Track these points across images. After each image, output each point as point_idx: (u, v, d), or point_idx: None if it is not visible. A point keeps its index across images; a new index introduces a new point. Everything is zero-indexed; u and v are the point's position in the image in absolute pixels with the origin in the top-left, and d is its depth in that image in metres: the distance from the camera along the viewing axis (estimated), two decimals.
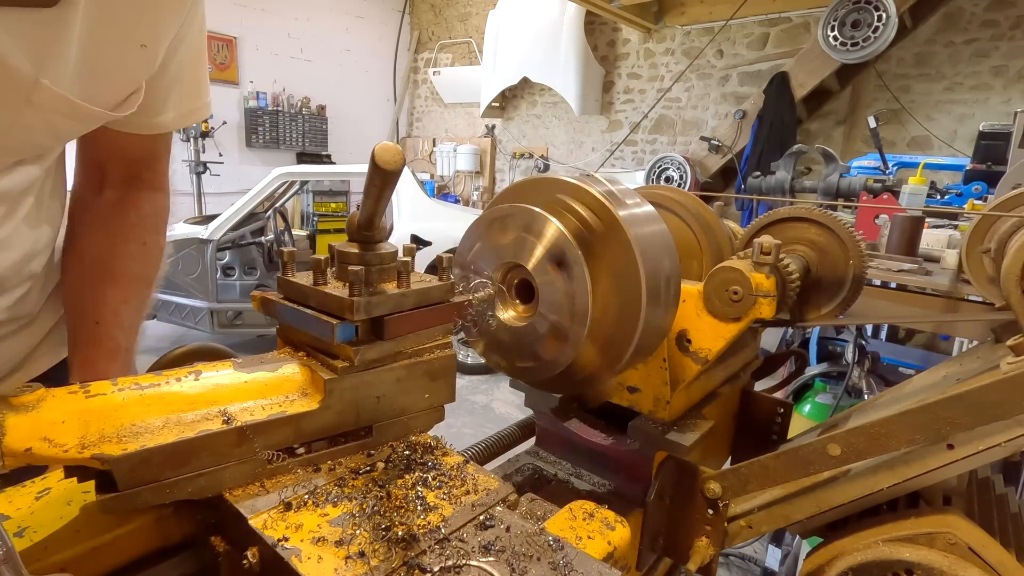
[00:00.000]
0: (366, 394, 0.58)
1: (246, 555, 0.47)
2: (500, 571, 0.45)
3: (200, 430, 0.50)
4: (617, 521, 0.61)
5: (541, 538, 0.49)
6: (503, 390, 4.61)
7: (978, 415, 0.65)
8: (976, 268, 1.16)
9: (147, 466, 0.47)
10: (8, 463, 0.45)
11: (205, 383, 0.54)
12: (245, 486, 0.53)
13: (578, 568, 0.46)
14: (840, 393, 2.69)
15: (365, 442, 0.60)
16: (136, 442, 0.48)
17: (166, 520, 0.55)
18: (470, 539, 0.49)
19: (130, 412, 0.50)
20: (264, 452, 0.53)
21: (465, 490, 0.55)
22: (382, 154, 0.46)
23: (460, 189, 8.50)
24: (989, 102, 4.73)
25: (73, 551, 0.50)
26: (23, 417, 0.46)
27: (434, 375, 0.62)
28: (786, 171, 3.70)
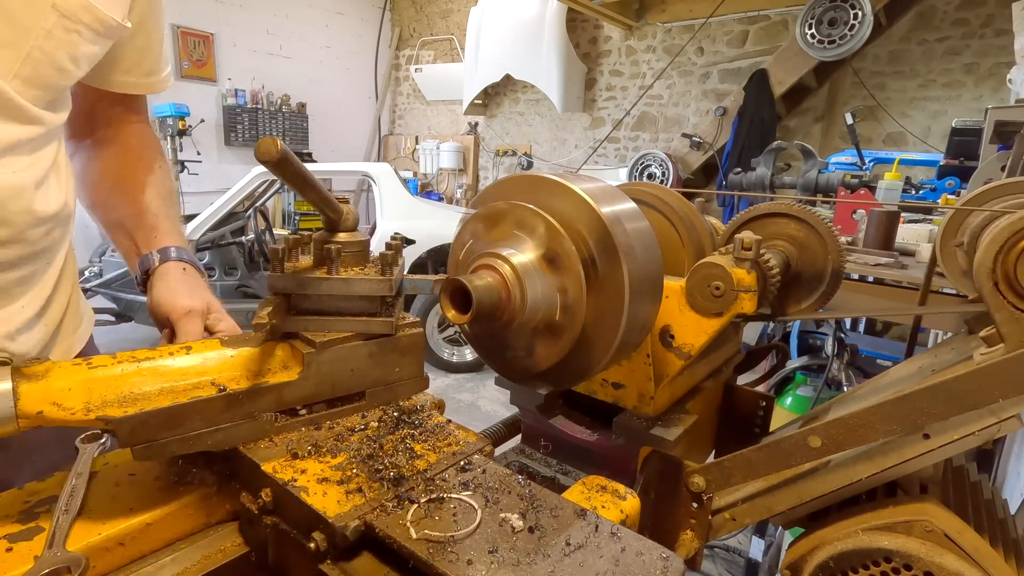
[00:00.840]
0: (341, 367, 0.64)
1: (260, 495, 0.55)
2: (476, 501, 0.52)
3: (192, 396, 0.56)
4: (628, 492, 0.66)
5: (512, 478, 0.56)
6: (489, 388, 4.61)
7: (953, 405, 0.66)
8: (950, 261, 1.19)
9: (145, 427, 0.53)
10: (22, 424, 0.51)
11: (195, 356, 0.61)
12: (256, 441, 0.60)
13: (541, 499, 0.53)
14: (820, 386, 2.73)
15: (359, 405, 0.67)
16: (135, 406, 0.53)
17: (210, 499, 0.61)
18: (451, 479, 0.56)
19: (129, 381, 0.56)
20: (268, 414, 0.60)
21: (447, 443, 0.62)
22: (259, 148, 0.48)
23: (443, 187, 8.46)
24: (961, 99, 4.84)
25: (129, 527, 0.55)
26: (34, 384, 0.52)
27: (403, 351, 0.69)
28: (766, 167, 3.74)
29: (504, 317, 0.65)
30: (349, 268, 0.65)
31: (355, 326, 0.65)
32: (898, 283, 1.97)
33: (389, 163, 6.35)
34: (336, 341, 0.63)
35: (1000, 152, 2.34)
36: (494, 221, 0.71)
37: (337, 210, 0.64)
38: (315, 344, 0.62)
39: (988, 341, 0.71)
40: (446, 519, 0.49)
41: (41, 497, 0.58)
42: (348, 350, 0.64)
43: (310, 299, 0.63)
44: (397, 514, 0.50)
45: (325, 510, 0.49)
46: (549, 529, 0.49)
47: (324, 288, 0.62)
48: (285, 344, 0.64)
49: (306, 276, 0.62)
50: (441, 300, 0.63)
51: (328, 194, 0.62)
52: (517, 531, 0.48)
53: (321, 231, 0.67)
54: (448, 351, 4.90)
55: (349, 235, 0.66)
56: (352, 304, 0.64)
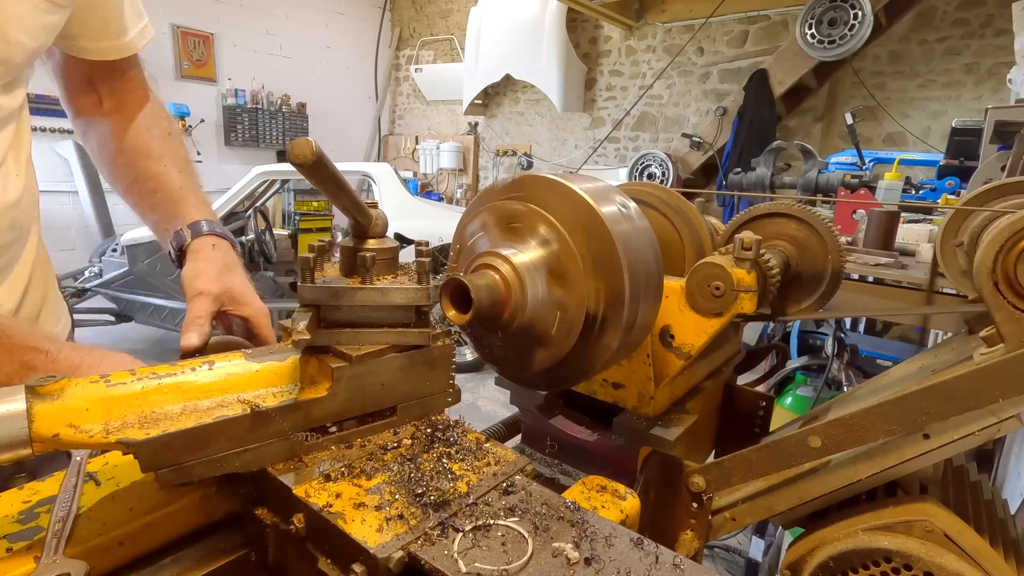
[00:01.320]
0: (371, 381, 0.61)
1: (292, 521, 0.52)
2: (525, 529, 0.49)
3: (216, 416, 0.53)
4: (628, 492, 0.65)
5: (559, 502, 0.53)
6: (489, 388, 4.61)
7: (953, 405, 0.66)
8: (950, 261, 1.19)
9: (168, 450, 0.50)
10: (36, 448, 0.47)
11: (219, 372, 0.58)
12: (285, 461, 0.57)
13: (593, 525, 0.50)
14: (820, 386, 2.73)
15: (390, 421, 0.64)
16: (157, 427, 0.51)
17: (210, 499, 0.59)
18: (495, 502, 0.53)
19: (150, 400, 0.53)
20: (298, 433, 0.57)
21: (486, 462, 0.59)
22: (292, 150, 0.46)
23: (443, 187, 8.46)
24: (961, 99, 4.84)
25: (129, 527, 0.54)
26: (49, 405, 0.49)
27: (433, 364, 0.66)
28: (766, 167, 3.74)
29: (505, 317, 0.65)
30: (382, 277, 0.62)
31: (390, 338, 0.62)
32: (898, 283, 1.97)
33: (389, 163, 6.35)
34: (370, 354, 0.60)
35: (1000, 152, 2.34)
36: (495, 221, 0.71)
37: (367, 215, 0.61)
38: (349, 358, 0.59)
39: (988, 341, 0.71)
40: (495, 549, 0.46)
41: (41, 497, 0.57)
42: (379, 364, 0.61)
43: (342, 310, 0.60)
44: (442, 543, 0.47)
45: (365, 539, 0.46)
46: (607, 561, 0.46)
47: (359, 299, 0.59)
48: (312, 358, 0.61)
49: (339, 286, 0.59)
50: (441, 300, 0.63)
51: (359, 198, 0.59)
52: (573, 563, 0.45)
53: (347, 238, 0.64)
54: None
55: (379, 242, 0.63)
56: (385, 315, 0.61)
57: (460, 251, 0.75)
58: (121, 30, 0.96)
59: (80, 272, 4.95)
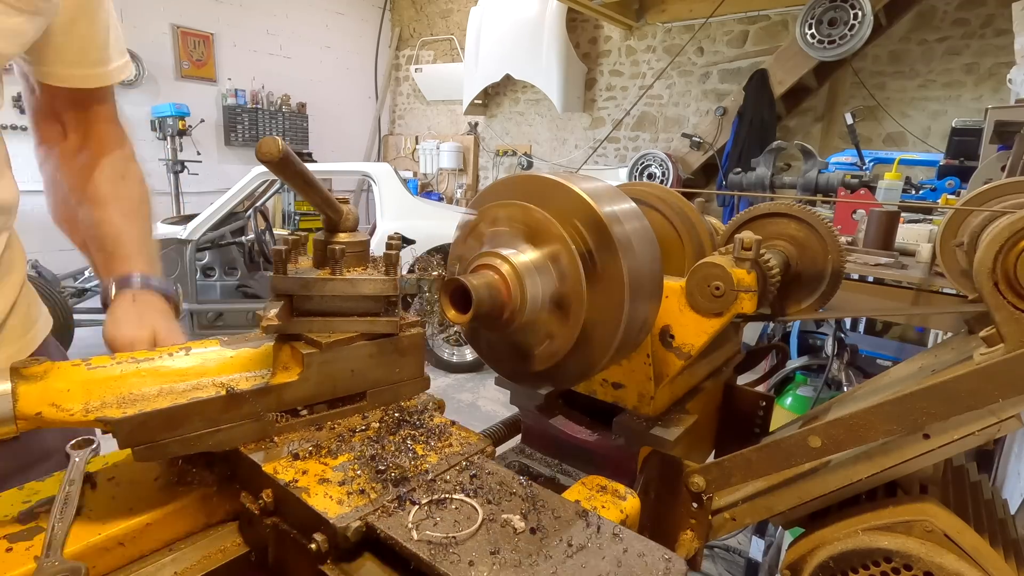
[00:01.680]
0: (341, 367, 0.64)
1: (261, 496, 0.55)
2: (478, 503, 0.52)
3: (191, 397, 0.56)
4: (628, 492, 0.66)
5: (513, 480, 0.56)
6: (488, 388, 4.61)
7: (953, 405, 0.66)
8: (950, 261, 1.19)
9: (145, 428, 0.53)
10: (21, 426, 0.51)
11: (195, 357, 0.61)
12: (257, 441, 0.60)
13: (543, 500, 0.53)
14: (820, 386, 2.73)
15: (360, 406, 0.67)
16: (134, 407, 0.53)
17: (209, 499, 0.61)
18: (453, 480, 0.56)
19: (128, 382, 0.56)
20: (269, 414, 0.60)
21: (448, 443, 0.62)
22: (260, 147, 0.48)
23: (443, 187, 8.46)
24: (961, 99, 4.84)
25: (129, 527, 0.55)
26: (33, 385, 0.52)
27: (403, 351, 0.69)
28: (766, 167, 3.74)
29: (504, 317, 0.65)
30: (351, 268, 0.65)
31: (359, 326, 0.64)
32: (898, 283, 1.97)
33: (389, 163, 6.35)
34: (339, 341, 0.63)
35: (1000, 152, 2.34)
36: (494, 221, 0.71)
37: (338, 210, 0.64)
38: (319, 344, 0.62)
39: (988, 341, 0.71)
40: (448, 520, 0.50)
41: (41, 497, 0.58)
42: (349, 351, 0.64)
43: (313, 300, 0.63)
44: (399, 515, 0.50)
45: (326, 511, 0.49)
46: (551, 530, 0.49)
47: (328, 289, 0.62)
48: (285, 345, 0.64)
49: (310, 277, 0.61)
50: (441, 300, 0.63)
51: (329, 194, 0.62)
52: (519, 532, 0.49)
53: (320, 231, 0.67)
54: (448, 351, 4.90)
55: (350, 235, 0.65)
56: (355, 304, 0.64)
57: (460, 251, 0.75)
58: (98, 60, 0.94)
59: (80, 272, 4.95)
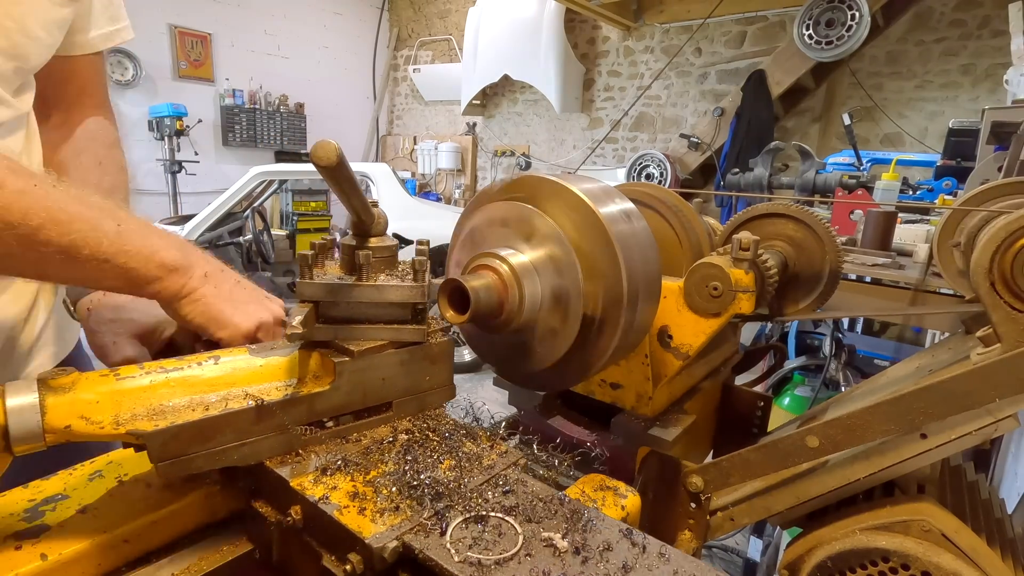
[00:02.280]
0: (372, 376, 0.63)
1: (289, 513, 0.53)
2: (517, 520, 0.50)
3: (223, 409, 0.55)
4: (628, 491, 0.66)
5: (551, 494, 0.54)
6: (487, 388, 4.59)
7: (950, 405, 0.67)
8: (947, 261, 1.19)
9: (176, 441, 0.52)
10: (49, 439, 0.49)
11: (224, 367, 0.60)
12: (283, 455, 0.58)
13: (584, 516, 0.51)
14: (818, 386, 2.74)
15: (387, 416, 0.65)
16: (165, 419, 0.52)
17: (214, 496, 0.60)
18: (488, 495, 0.54)
19: (158, 393, 0.55)
20: (296, 427, 0.58)
21: (480, 456, 0.60)
22: (316, 152, 0.48)
23: (442, 187, 8.45)
24: (958, 100, 4.85)
25: (134, 525, 0.55)
26: (61, 398, 0.50)
27: (433, 359, 0.68)
28: (764, 168, 3.75)
29: (502, 317, 0.65)
30: (379, 274, 0.63)
31: (387, 334, 0.63)
32: (895, 283, 1.97)
33: (387, 163, 6.35)
34: (371, 349, 0.61)
35: (997, 153, 2.35)
36: (492, 221, 0.71)
37: (371, 215, 0.62)
38: (351, 352, 0.60)
39: (985, 341, 0.71)
40: (488, 540, 0.48)
41: (47, 495, 0.57)
42: (380, 359, 0.63)
43: (339, 306, 0.61)
44: (436, 534, 0.48)
45: (361, 530, 0.47)
46: (595, 550, 0.47)
47: (356, 295, 0.60)
48: (314, 353, 0.62)
49: (336, 283, 0.60)
50: (439, 300, 0.63)
51: (365, 198, 0.60)
52: (562, 552, 0.47)
53: (348, 236, 0.65)
54: None
55: (379, 240, 0.64)
56: (383, 311, 0.63)
57: (458, 252, 0.75)
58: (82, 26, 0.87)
59: None
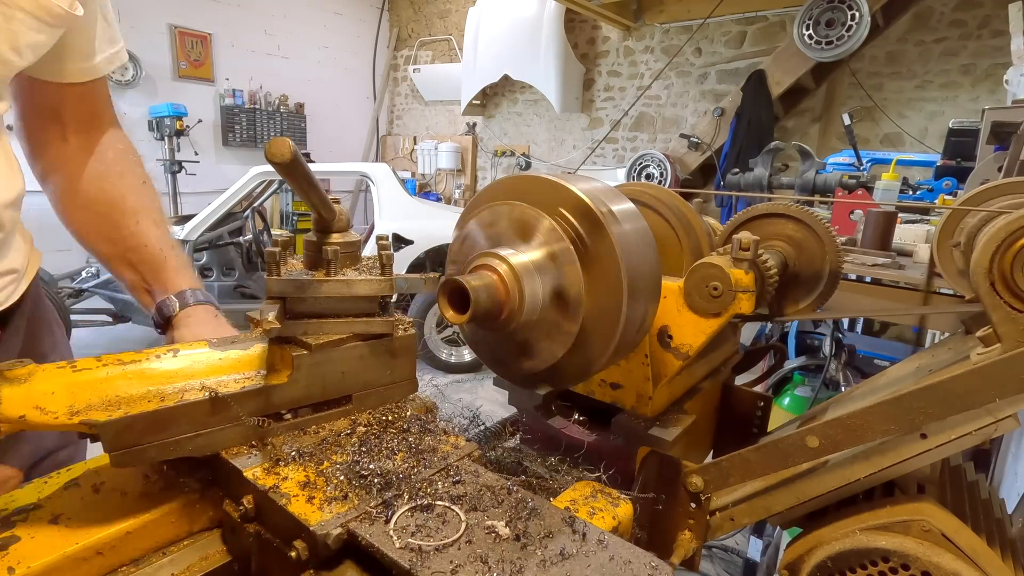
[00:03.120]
0: (331, 369, 0.63)
1: (242, 502, 0.53)
2: (462, 509, 0.51)
3: (178, 400, 0.55)
4: (621, 498, 0.66)
5: (499, 485, 0.55)
6: (487, 388, 4.60)
7: (950, 405, 0.66)
8: (947, 261, 1.19)
9: (130, 431, 0.52)
10: (4, 428, 0.50)
11: (183, 359, 0.60)
12: (239, 446, 0.58)
13: (529, 506, 0.52)
14: (818, 386, 2.74)
15: (346, 409, 0.66)
16: (120, 410, 0.52)
17: (192, 506, 0.60)
18: (438, 485, 0.55)
19: (114, 385, 0.55)
20: (251, 419, 0.58)
21: (435, 448, 0.61)
22: (270, 148, 0.48)
23: (442, 187, 8.45)
24: (958, 100, 4.85)
25: (108, 536, 0.53)
26: (16, 388, 0.51)
27: (395, 353, 0.68)
28: (764, 168, 3.75)
29: (502, 317, 0.65)
30: (345, 269, 0.64)
31: (355, 327, 0.64)
32: (895, 283, 1.97)
33: (387, 163, 6.35)
34: (329, 343, 0.62)
35: (997, 152, 2.35)
36: (493, 221, 0.71)
37: (332, 211, 0.63)
38: (308, 346, 0.61)
39: (985, 341, 0.71)
40: (431, 527, 0.48)
41: (19, 504, 0.56)
42: (339, 352, 0.63)
43: (306, 301, 0.62)
44: (381, 522, 0.49)
45: (307, 517, 0.48)
46: (536, 537, 0.48)
47: (324, 290, 0.61)
48: (275, 346, 0.63)
49: (305, 279, 0.60)
50: (439, 300, 0.63)
51: (325, 195, 0.61)
52: (503, 539, 0.48)
53: (310, 232, 0.65)
54: (446, 351, 4.90)
55: (342, 235, 0.65)
56: (350, 305, 0.63)
57: (458, 252, 0.75)
58: (89, 52, 0.89)
59: (77, 273, 4.93)
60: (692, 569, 0.90)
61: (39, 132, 0.94)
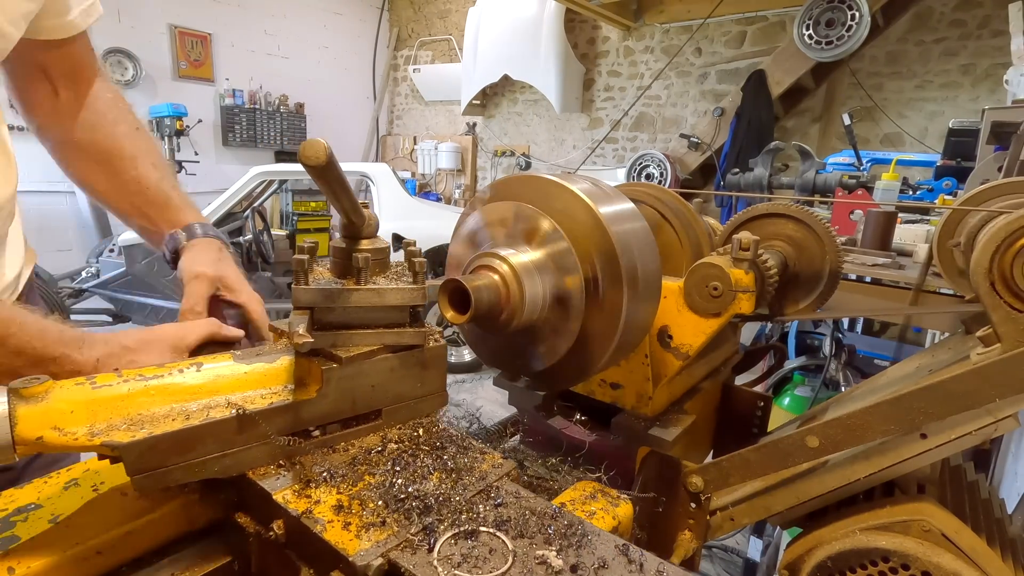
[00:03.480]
0: (361, 383, 0.60)
1: (272, 527, 0.50)
2: (508, 535, 0.48)
3: (203, 418, 0.52)
4: (621, 498, 0.65)
5: (545, 507, 0.52)
6: (487, 388, 4.60)
7: (949, 405, 0.66)
8: (947, 261, 1.19)
9: (154, 452, 0.49)
10: (20, 451, 0.47)
11: (207, 374, 0.57)
12: (267, 466, 0.56)
13: (578, 531, 0.49)
14: (818, 386, 2.74)
15: (376, 424, 0.63)
16: (143, 430, 0.50)
17: (192, 506, 0.58)
18: (479, 508, 0.51)
19: (136, 402, 0.52)
20: (280, 438, 0.56)
21: (472, 467, 0.57)
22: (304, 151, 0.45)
23: (442, 187, 8.45)
24: (958, 100, 4.85)
25: (108, 536, 0.52)
26: (33, 407, 0.48)
27: (426, 364, 0.65)
28: (764, 168, 3.75)
29: (503, 317, 0.65)
30: (375, 277, 0.61)
31: (386, 338, 0.60)
32: (895, 283, 1.97)
33: (387, 163, 6.35)
34: (359, 356, 0.59)
35: (997, 152, 2.35)
36: (493, 221, 0.71)
37: (362, 216, 0.60)
38: (338, 359, 0.58)
39: (985, 341, 0.71)
40: (477, 556, 0.45)
41: (19, 504, 0.56)
42: (370, 365, 0.60)
43: (335, 311, 0.58)
44: (423, 551, 0.46)
45: (345, 546, 0.45)
46: (590, 568, 0.45)
47: (354, 300, 0.58)
48: (302, 359, 0.60)
49: (334, 288, 0.57)
50: (440, 300, 0.63)
51: (356, 199, 0.58)
52: (557, 571, 0.44)
53: (337, 238, 0.63)
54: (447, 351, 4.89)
55: (371, 242, 0.62)
56: (380, 315, 0.60)
57: (459, 252, 0.75)
58: (63, 9, 0.88)
59: (77, 273, 4.93)
60: (692, 569, 0.90)
61: (29, 90, 0.95)
